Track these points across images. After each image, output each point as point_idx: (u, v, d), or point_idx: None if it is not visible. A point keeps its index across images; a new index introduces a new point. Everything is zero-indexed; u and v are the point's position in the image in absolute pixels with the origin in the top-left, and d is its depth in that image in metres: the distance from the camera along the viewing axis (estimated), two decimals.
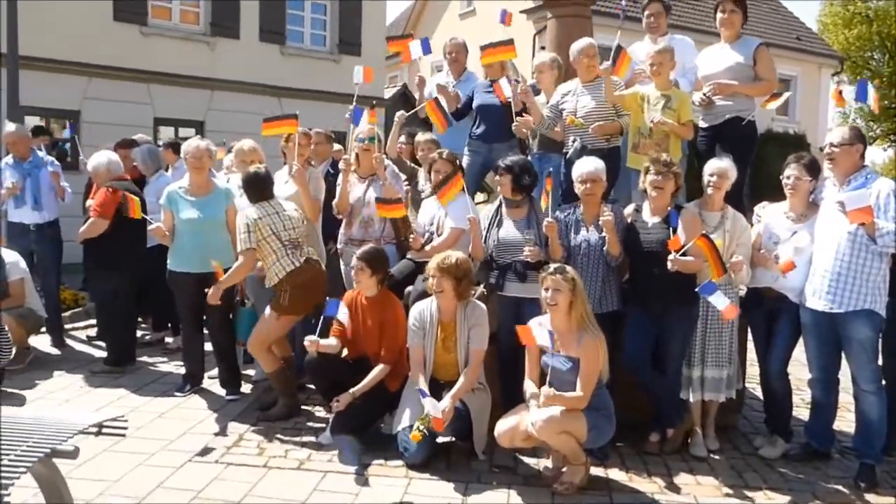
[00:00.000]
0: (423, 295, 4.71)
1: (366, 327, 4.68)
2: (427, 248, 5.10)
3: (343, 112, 6.37)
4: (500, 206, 4.97)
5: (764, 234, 4.76)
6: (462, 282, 4.39)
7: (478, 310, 4.47)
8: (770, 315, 4.74)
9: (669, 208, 4.52)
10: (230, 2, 13.41)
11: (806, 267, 4.50)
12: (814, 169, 4.62)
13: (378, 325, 4.62)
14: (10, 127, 6.75)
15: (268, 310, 4.99)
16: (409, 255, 5.32)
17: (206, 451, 4.46)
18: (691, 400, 4.74)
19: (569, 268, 4.12)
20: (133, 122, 11.20)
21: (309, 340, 4.51)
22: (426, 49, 5.92)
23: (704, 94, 5.23)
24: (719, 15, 5.33)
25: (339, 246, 5.62)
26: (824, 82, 25.00)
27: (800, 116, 23.78)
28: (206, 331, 5.63)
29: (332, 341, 4.64)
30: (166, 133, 12.63)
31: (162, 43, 12.80)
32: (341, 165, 5.57)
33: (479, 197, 6.92)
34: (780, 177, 4.71)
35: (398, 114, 6.45)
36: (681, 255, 4.30)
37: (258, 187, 4.99)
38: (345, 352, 4.76)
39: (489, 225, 4.92)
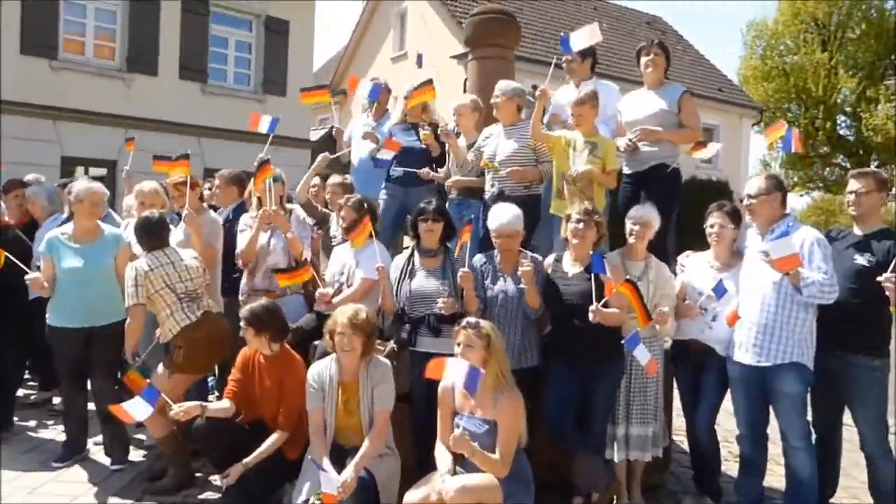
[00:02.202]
0: (327, 353, 4.32)
1: (263, 388, 4.25)
2: (336, 300, 4.74)
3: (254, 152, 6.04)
4: (412, 255, 4.66)
5: (688, 284, 4.58)
6: (371, 338, 4.04)
7: (381, 366, 4.10)
8: (696, 368, 4.53)
9: (591, 253, 4.28)
10: (148, 38, 12.93)
11: None
12: (736, 217, 4.49)
13: (277, 387, 4.19)
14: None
15: (160, 368, 4.52)
16: (316, 307, 4.93)
17: None
18: (616, 459, 4.46)
19: (484, 323, 3.81)
20: (38, 161, 10.59)
21: (176, 409, 4.05)
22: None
23: (630, 140, 5.06)
24: (643, 58, 5.20)
25: (241, 297, 5.19)
26: (745, 132, 25.86)
27: (722, 164, 24.45)
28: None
29: (224, 404, 4.19)
30: (78, 174, 11.96)
31: (73, 78, 12.20)
32: (252, 213, 5.18)
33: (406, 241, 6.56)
34: (704, 225, 4.56)
35: (321, 156, 6.10)
36: (602, 306, 4.06)
37: (150, 234, 4.56)
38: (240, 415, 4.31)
39: (401, 275, 4.60)
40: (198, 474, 4.74)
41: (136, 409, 3.94)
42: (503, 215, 4.46)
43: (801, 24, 31.66)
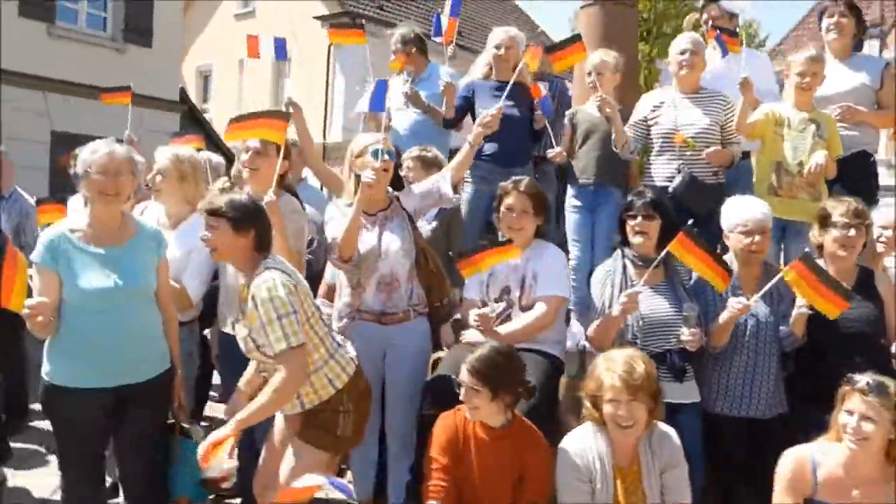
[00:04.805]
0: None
1: (485, 476, 2.72)
2: (504, 329, 3.30)
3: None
4: (624, 266, 3.35)
5: None
6: (658, 402, 2.71)
7: (667, 441, 2.78)
8: None
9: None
10: None
11: None
12: None
13: (511, 475, 2.70)
14: None
15: (306, 451, 2.80)
16: (465, 337, 3.43)
17: None
18: None
19: (890, 382, 2.62)
20: None
21: None
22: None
23: None
24: (826, 20, 4.24)
25: (340, 322, 3.51)
26: None
27: None
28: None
29: None
30: None
31: None
32: (345, 199, 3.53)
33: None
34: None
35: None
36: None
37: (265, 230, 2.84)
38: None
39: (612, 296, 3.28)
40: None
41: None
42: (754, 207, 3.34)
43: None
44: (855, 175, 4.09)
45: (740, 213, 3.32)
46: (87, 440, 2.92)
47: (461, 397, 2.72)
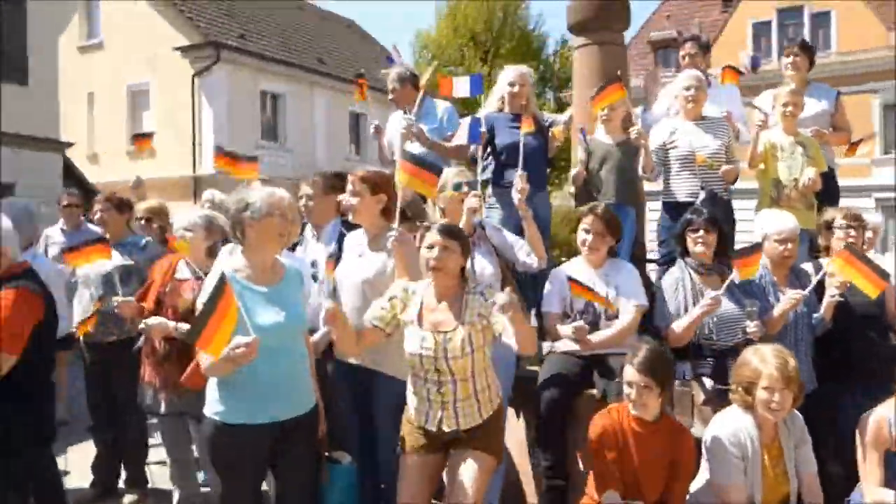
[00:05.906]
0: None
1: (644, 465, 3.07)
2: (597, 337, 3.70)
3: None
4: (690, 274, 3.87)
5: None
6: (801, 392, 3.16)
7: (798, 420, 3.27)
8: None
9: None
10: None
11: None
12: None
13: (664, 463, 3.08)
14: None
15: (487, 461, 3.03)
16: (552, 345, 3.80)
17: None
18: None
19: None
20: None
21: None
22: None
23: None
24: (784, 59, 5.09)
25: None
26: None
27: None
28: None
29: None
30: None
31: None
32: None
33: None
34: None
35: None
36: None
37: None
38: None
39: (685, 298, 3.80)
40: None
41: None
42: (787, 218, 3.97)
43: (462, 39, 34.33)
44: (825, 189, 4.87)
45: (775, 224, 3.94)
46: (253, 474, 2.99)
47: (631, 397, 3.06)
